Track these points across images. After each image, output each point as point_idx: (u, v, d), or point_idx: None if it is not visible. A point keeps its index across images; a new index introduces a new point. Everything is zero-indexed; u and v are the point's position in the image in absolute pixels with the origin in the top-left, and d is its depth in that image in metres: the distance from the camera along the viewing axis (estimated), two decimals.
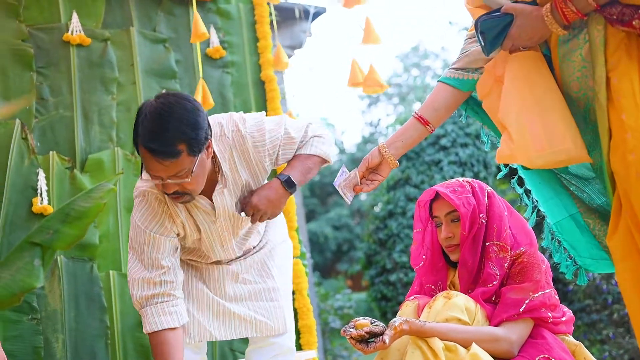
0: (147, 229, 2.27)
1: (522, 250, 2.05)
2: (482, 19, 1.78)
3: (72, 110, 3.72)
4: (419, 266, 2.25)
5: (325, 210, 20.46)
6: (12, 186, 3.45)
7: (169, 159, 2.01)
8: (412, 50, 25.46)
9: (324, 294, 9.65)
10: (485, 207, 2.10)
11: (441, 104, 2.14)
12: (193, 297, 2.47)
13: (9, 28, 3.66)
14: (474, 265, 2.05)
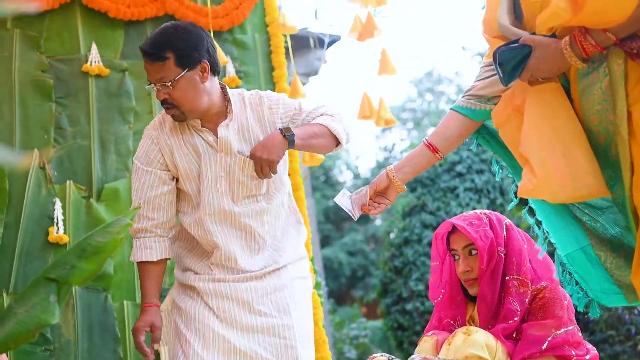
0: (136, 160, 2.50)
1: (543, 285, 2.03)
2: (500, 50, 1.77)
3: (90, 140, 3.73)
4: (437, 300, 2.23)
5: (340, 236, 20.40)
6: (29, 215, 3.47)
7: (156, 61, 2.26)
8: (426, 75, 25.51)
9: (338, 323, 9.58)
10: (504, 240, 2.08)
11: (452, 133, 2.13)
12: (200, 333, 2.41)
13: (30, 59, 3.70)
14: (493, 300, 2.02)
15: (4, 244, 3.38)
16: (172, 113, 2.36)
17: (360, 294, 17.73)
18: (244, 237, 2.51)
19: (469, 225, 2.08)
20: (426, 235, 8.87)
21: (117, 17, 3.90)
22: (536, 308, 1.99)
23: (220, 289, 2.46)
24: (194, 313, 2.43)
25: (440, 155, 2.13)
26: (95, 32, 3.90)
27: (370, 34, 3.64)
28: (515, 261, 2.05)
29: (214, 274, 2.49)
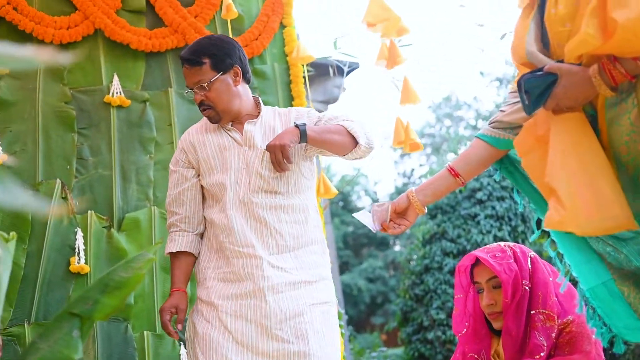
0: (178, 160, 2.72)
1: (570, 319, 1.99)
2: (525, 78, 1.75)
3: (111, 170, 3.76)
4: (461, 333, 2.20)
5: (359, 262, 20.34)
6: (51, 245, 3.49)
7: (194, 66, 2.52)
8: (444, 100, 25.52)
9: (358, 351, 9.50)
10: (529, 274, 2.05)
11: (475, 159, 2.12)
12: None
13: (54, 91, 3.75)
14: (518, 335, 1.99)
15: (26, 274, 3.40)
16: (208, 114, 2.58)
17: (380, 321, 17.62)
18: (261, 231, 2.52)
19: (492, 258, 2.06)
20: (447, 262, 8.81)
21: (139, 49, 3.95)
22: (563, 343, 1.96)
23: (241, 310, 2.45)
24: (209, 340, 2.45)
25: (462, 180, 2.12)
26: (117, 63, 3.94)
27: (395, 62, 3.65)
28: (541, 295, 2.02)
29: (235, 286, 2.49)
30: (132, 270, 1.48)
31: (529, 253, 2.12)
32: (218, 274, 2.55)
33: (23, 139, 3.61)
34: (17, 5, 3.74)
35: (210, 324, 2.48)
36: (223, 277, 2.53)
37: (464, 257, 2.19)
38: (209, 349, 2.43)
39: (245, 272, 2.48)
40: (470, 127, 24.48)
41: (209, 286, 2.54)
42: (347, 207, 22.69)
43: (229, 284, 2.51)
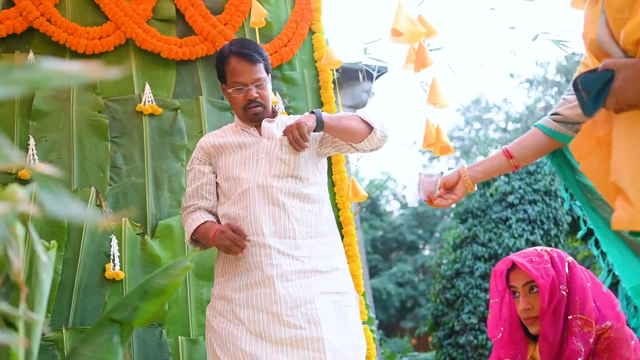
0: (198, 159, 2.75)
1: (608, 325, 1.97)
2: (581, 76, 1.70)
3: (144, 178, 3.80)
4: (496, 338, 2.18)
5: (388, 267, 20.28)
6: (87, 252, 3.54)
7: (255, 62, 2.58)
8: (473, 103, 25.37)
9: (389, 356, 9.47)
10: (566, 278, 2.03)
11: (531, 145, 2.12)
12: (231, 354, 2.41)
13: (87, 100, 3.81)
14: (555, 340, 1.97)
15: (63, 280, 3.46)
16: (257, 111, 2.63)
17: (410, 325, 17.55)
18: (279, 215, 2.53)
19: (529, 263, 2.04)
20: (478, 267, 8.75)
21: (169, 57, 3.99)
22: (601, 349, 1.93)
23: (252, 299, 2.44)
24: (225, 333, 2.46)
25: (515, 162, 2.12)
26: (149, 72, 3.99)
27: (423, 64, 3.62)
28: (579, 300, 1.99)
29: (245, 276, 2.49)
30: (169, 278, 1.50)
31: (567, 258, 2.09)
32: (228, 268, 2.57)
33: (58, 148, 3.68)
34: (51, 16, 3.81)
35: (225, 317, 2.49)
36: (233, 270, 2.55)
37: (500, 262, 2.18)
38: (226, 342, 2.44)
39: (253, 260, 2.48)
40: (500, 130, 24.30)
41: (222, 281, 2.58)
42: (376, 211, 22.64)
43: (240, 275, 2.51)
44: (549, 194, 8.98)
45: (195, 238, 2.65)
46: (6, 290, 1.28)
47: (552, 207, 8.80)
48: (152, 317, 1.52)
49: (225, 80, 2.65)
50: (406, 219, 22.12)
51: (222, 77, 2.68)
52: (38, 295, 1.30)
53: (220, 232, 2.45)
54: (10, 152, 0.82)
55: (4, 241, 1.15)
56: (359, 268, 4.14)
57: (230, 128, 2.76)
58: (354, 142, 2.62)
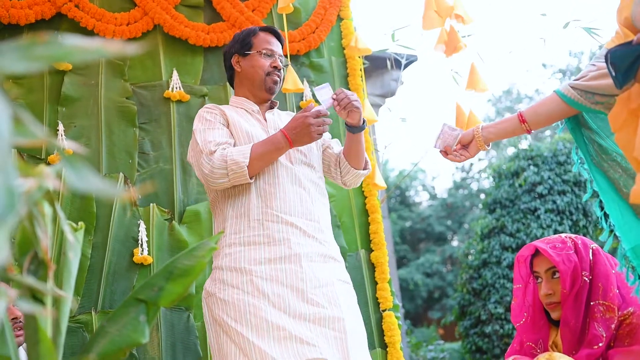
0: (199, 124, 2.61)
1: (630, 311, 1.96)
2: (613, 49, 1.69)
3: (171, 164, 3.84)
4: (519, 323, 2.18)
5: (416, 257, 20.24)
6: (115, 237, 3.60)
7: (281, 43, 2.78)
8: (505, 93, 25.14)
9: (415, 344, 9.48)
10: (590, 265, 2.02)
11: (546, 111, 2.14)
12: (252, 325, 2.34)
13: (115, 87, 3.85)
14: (577, 325, 1.96)
15: (92, 264, 3.52)
16: (277, 80, 2.72)
17: (437, 315, 17.51)
18: (305, 199, 2.56)
19: (552, 249, 2.04)
20: (505, 257, 8.70)
21: (197, 44, 4.01)
22: (623, 334, 1.92)
23: (277, 274, 2.43)
24: (244, 305, 2.37)
25: (527, 127, 2.16)
26: (176, 59, 4.02)
27: (455, 48, 3.57)
28: (602, 286, 1.98)
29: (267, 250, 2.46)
30: (195, 259, 1.52)
31: (591, 245, 2.09)
32: (241, 238, 2.49)
33: (87, 134, 3.73)
34: (79, 2, 3.85)
35: (240, 289, 2.40)
36: (250, 240, 2.48)
37: (523, 248, 2.18)
38: (245, 313, 2.35)
39: (280, 236, 2.47)
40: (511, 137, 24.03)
41: (230, 252, 2.48)
42: (405, 202, 22.59)
43: (259, 247, 2.47)
44: (579, 184, 8.90)
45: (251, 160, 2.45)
46: (34, 267, 1.31)
47: (581, 198, 8.71)
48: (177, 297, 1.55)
49: (250, 47, 2.70)
50: (435, 210, 22.04)
51: (246, 45, 2.72)
52: (66, 274, 1.33)
53: (303, 120, 2.43)
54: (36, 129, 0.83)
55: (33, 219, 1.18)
56: (384, 256, 4.14)
57: (235, 109, 2.71)
58: (354, 166, 2.70)
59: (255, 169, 2.46)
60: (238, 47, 2.74)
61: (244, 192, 2.55)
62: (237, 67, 2.73)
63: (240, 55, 2.72)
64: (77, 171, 0.83)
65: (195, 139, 2.56)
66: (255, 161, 2.44)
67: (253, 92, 2.71)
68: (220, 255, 2.50)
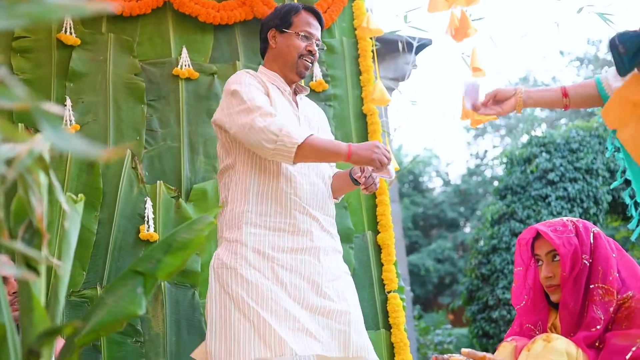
0: (240, 86, 2.56)
1: (629, 295, 1.95)
2: (619, 34, 1.66)
3: (179, 141, 3.83)
4: (520, 306, 2.19)
5: (428, 243, 20.24)
6: (121, 213, 3.61)
7: (322, 27, 2.76)
8: (521, 80, 24.98)
9: (423, 328, 9.51)
10: (590, 248, 2.01)
11: (582, 94, 2.18)
12: (272, 311, 2.36)
13: (124, 63, 3.84)
14: (576, 308, 1.97)
15: (98, 240, 3.54)
16: (309, 65, 2.70)
17: (448, 301, 17.53)
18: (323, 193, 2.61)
19: (553, 232, 2.03)
20: (514, 243, 8.69)
21: (207, 21, 4.00)
22: (621, 317, 1.92)
23: (296, 264, 2.46)
24: (266, 289, 2.38)
25: (567, 102, 2.19)
26: (186, 36, 4.01)
27: (465, 33, 3.53)
28: (602, 269, 1.98)
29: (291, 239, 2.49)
30: (193, 232, 1.53)
31: (592, 228, 2.08)
32: (267, 222, 2.48)
33: (95, 110, 3.73)
34: None
35: (262, 274, 2.41)
36: (276, 226, 2.49)
37: (525, 230, 2.18)
38: (267, 298, 2.36)
39: (304, 227, 2.51)
40: (547, 109, 23.92)
41: (255, 233, 2.46)
42: (418, 188, 22.54)
43: (284, 235, 2.49)
44: (590, 172, 8.85)
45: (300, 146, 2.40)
46: (29, 236, 1.32)
47: (592, 186, 8.69)
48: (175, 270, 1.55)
49: (289, 26, 2.67)
50: (448, 196, 22.00)
51: (285, 22, 2.68)
52: (65, 245, 1.34)
53: (374, 145, 2.40)
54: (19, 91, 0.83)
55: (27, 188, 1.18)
56: (391, 238, 4.14)
57: (269, 80, 2.69)
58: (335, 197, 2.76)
59: (303, 156, 2.40)
60: (277, 22, 2.70)
61: (272, 172, 2.53)
62: (273, 42, 2.71)
63: (278, 31, 2.70)
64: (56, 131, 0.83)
65: (241, 97, 2.51)
66: (308, 148, 2.38)
67: (284, 71, 2.70)
68: (243, 231, 2.47)
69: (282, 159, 2.40)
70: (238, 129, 2.45)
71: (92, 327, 1.34)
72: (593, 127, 9.33)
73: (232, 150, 2.59)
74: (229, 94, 2.56)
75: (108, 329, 1.35)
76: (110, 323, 1.34)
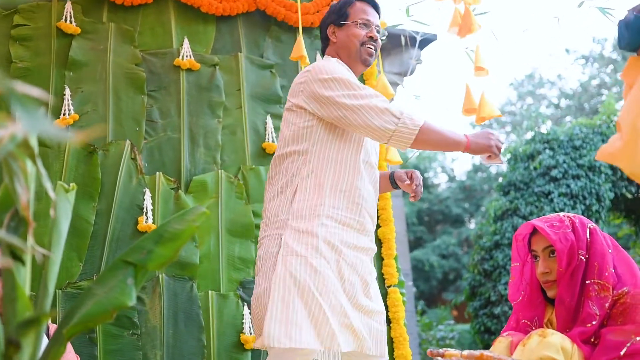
0: (341, 76, 2.50)
1: (625, 291, 1.94)
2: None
3: (180, 133, 3.82)
4: (516, 301, 2.19)
5: (432, 238, 20.21)
6: (120, 204, 3.59)
7: (379, 13, 2.74)
8: (527, 78, 24.89)
9: (426, 324, 9.49)
10: (586, 244, 2.00)
11: None
12: (331, 304, 2.39)
13: (124, 53, 3.83)
14: (571, 304, 1.96)
15: (95, 231, 3.52)
16: (372, 51, 2.68)
17: (452, 297, 17.52)
18: (374, 196, 2.63)
19: (549, 227, 2.02)
20: None
21: (209, 12, 3.98)
22: (616, 313, 1.91)
23: (356, 262, 2.50)
24: (331, 283, 2.39)
25: None
26: (188, 27, 3.99)
27: (469, 29, 3.50)
28: (597, 265, 1.97)
29: (357, 237, 2.52)
30: (185, 223, 1.51)
31: (588, 224, 2.06)
32: (339, 215, 2.48)
33: (94, 100, 3.71)
34: None
35: (330, 266, 2.42)
36: (346, 221, 2.49)
37: (521, 226, 2.17)
38: (330, 292, 2.38)
39: (369, 227, 2.56)
40: (552, 106, 23.82)
41: (327, 224, 2.45)
42: (423, 183, 22.46)
43: (351, 231, 2.50)
44: (593, 169, 8.84)
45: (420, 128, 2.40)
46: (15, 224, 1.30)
47: (595, 183, 8.67)
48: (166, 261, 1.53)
49: (346, 17, 2.65)
50: (453, 192, 21.95)
51: (342, 15, 2.67)
52: (55, 235, 1.32)
53: (489, 133, 2.46)
54: None
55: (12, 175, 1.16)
56: (391, 232, 4.12)
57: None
58: None
59: (422, 141, 2.40)
60: (334, 17, 2.70)
61: (347, 167, 2.52)
62: (333, 37, 2.69)
63: (336, 25, 2.68)
64: (29, 113, 0.82)
65: (349, 83, 2.46)
66: (430, 132, 2.39)
67: (349, 63, 2.67)
68: (316, 222, 2.45)
69: (399, 142, 2.41)
70: (348, 112, 2.42)
71: (81, 318, 1.32)
72: (596, 125, 9.32)
73: (308, 137, 2.52)
74: (327, 80, 2.49)
75: (97, 320, 1.33)
76: (100, 314, 1.32)
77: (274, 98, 4.10)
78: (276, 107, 4.09)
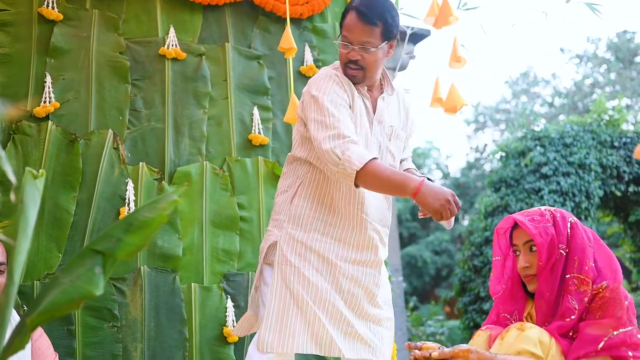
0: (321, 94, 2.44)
1: (604, 285, 1.92)
2: None
3: (164, 123, 3.76)
4: (497, 295, 2.18)
5: (426, 234, 20.26)
6: (101, 194, 3.54)
7: (370, 24, 2.39)
8: (522, 76, 24.92)
9: (416, 319, 9.53)
10: (567, 238, 1.98)
11: None
12: (328, 313, 2.45)
13: (108, 40, 3.75)
14: (551, 298, 1.95)
15: (75, 221, 3.46)
16: (355, 74, 2.48)
17: (444, 293, 17.58)
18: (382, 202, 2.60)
19: (530, 222, 2.01)
20: None
21: (196, 1, 3.92)
22: (595, 307, 1.89)
23: (357, 274, 2.53)
24: (326, 292, 2.45)
25: None
26: (174, 15, 3.93)
27: (445, 21, 3.43)
28: (577, 259, 1.95)
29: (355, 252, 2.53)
30: (156, 211, 1.47)
31: (569, 218, 2.05)
32: (335, 233, 2.51)
33: (76, 88, 3.64)
34: None
35: (324, 277, 2.47)
36: (342, 238, 2.52)
37: (502, 220, 2.16)
38: (325, 300, 2.44)
39: (370, 243, 2.55)
40: (546, 105, 23.85)
41: (322, 240, 2.49)
42: None
43: (349, 247, 2.53)
44: (583, 167, 8.89)
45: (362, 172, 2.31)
46: None
47: (585, 181, 8.73)
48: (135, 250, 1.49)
49: (340, 30, 2.50)
50: None
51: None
52: (22, 223, 1.28)
53: (446, 200, 2.18)
54: None
55: None
56: None
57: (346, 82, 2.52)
58: None
59: (365, 182, 2.32)
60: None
61: (336, 187, 2.50)
62: None
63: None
64: None
65: (320, 107, 2.40)
66: (370, 176, 2.28)
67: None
68: (312, 235, 2.49)
69: (346, 181, 2.37)
70: (313, 138, 2.42)
71: (46, 307, 1.28)
72: (587, 123, 9.38)
73: (310, 148, 2.53)
74: (312, 97, 2.46)
75: (63, 309, 1.29)
76: (65, 303, 1.28)
77: (261, 89, 4.05)
78: (263, 98, 4.04)
